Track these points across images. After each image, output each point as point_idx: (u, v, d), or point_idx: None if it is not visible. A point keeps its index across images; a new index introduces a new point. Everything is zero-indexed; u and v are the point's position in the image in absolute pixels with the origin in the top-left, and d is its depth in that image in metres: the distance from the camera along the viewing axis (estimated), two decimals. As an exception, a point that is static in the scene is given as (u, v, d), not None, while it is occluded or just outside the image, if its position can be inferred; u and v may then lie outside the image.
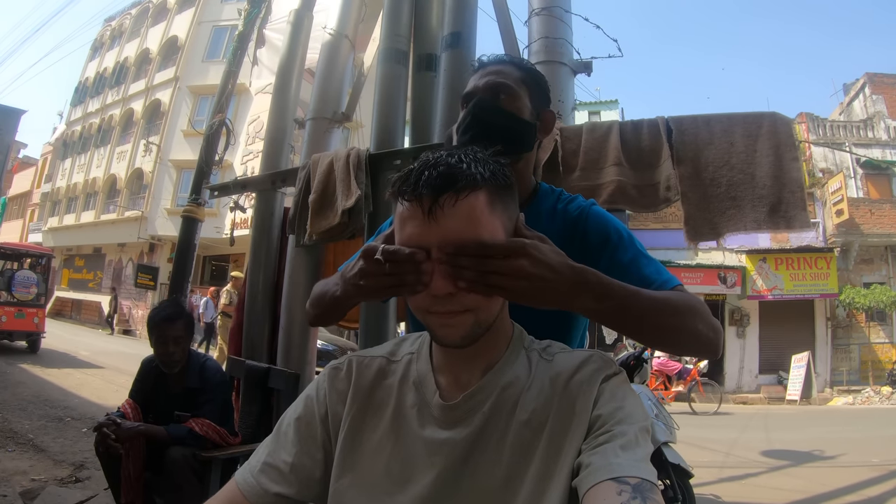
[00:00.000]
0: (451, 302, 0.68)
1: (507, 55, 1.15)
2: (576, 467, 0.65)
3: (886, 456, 5.78)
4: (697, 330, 0.83)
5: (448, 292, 0.67)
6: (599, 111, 17.53)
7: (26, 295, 10.14)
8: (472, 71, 1.12)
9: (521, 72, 1.08)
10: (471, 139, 0.99)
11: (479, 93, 1.05)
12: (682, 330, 0.82)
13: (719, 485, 4.66)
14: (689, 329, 0.82)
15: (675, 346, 0.87)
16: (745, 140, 1.90)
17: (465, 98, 1.08)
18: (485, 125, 1.01)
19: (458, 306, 0.68)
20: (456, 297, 0.67)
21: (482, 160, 0.71)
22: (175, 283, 4.42)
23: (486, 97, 1.04)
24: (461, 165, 0.68)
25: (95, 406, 5.98)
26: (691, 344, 0.85)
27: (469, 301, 0.68)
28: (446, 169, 0.67)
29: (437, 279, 0.67)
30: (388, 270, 0.69)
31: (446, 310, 0.68)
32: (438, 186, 0.66)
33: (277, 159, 3.47)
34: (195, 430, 2.34)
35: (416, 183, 0.67)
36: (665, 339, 0.84)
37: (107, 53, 24.16)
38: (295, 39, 3.67)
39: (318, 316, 1.03)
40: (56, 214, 23.82)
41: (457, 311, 0.68)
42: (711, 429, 7.85)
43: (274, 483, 0.76)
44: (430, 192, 0.66)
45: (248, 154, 15.49)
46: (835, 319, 14.19)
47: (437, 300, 0.68)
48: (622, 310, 0.75)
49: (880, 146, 14.99)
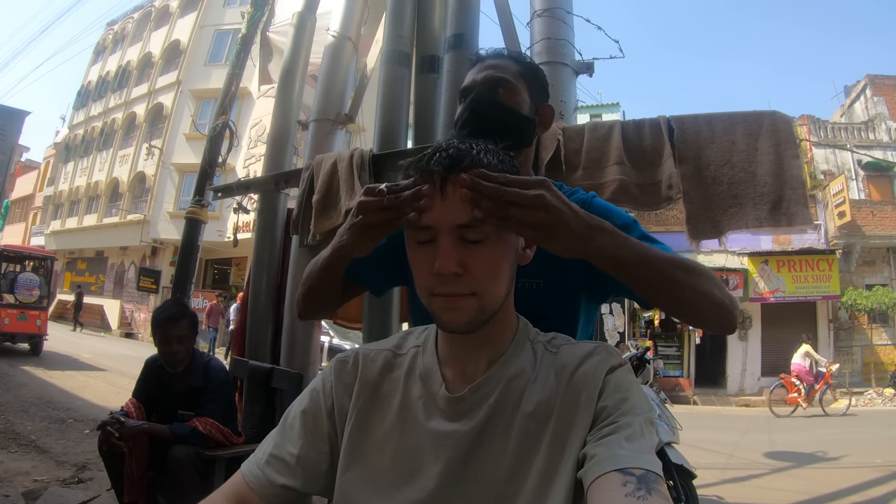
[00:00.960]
0: (456, 283, 0.68)
1: (505, 49, 1.13)
2: (581, 459, 0.65)
3: (889, 457, 5.77)
4: (713, 293, 0.82)
5: (454, 272, 0.67)
6: (601, 114, 17.55)
7: (29, 297, 10.18)
8: (469, 65, 1.10)
9: (520, 66, 1.07)
10: (469, 133, 0.98)
11: (478, 87, 1.03)
12: (700, 290, 0.81)
13: (722, 486, 4.66)
14: (705, 290, 0.81)
15: (693, 308, 0.83)
16: (746, 139, 1.91)
17: (462, 92, 1.06)
18: (483, 119, 1.00)
19: (463, 288, 0.68)
20: (461, 278, 0.68)
21: (492, 150, 0.73)
22: (178, 285, 4.43)
23: (485, 91, 1.02)
24: (471, 150, 0.71)
25: (98, 408, 6.00)
26: (709, 308, 0.83)
27: (474, 283, 0.69)
28: (455, 151, 0.70)
29: (443, 258, 0.67)
30: (388, 203, 0.72)
31: (451, 291, 0.69)
32: (449, 166, 0.69)
33: (280, 161, 3.48)
34: (198, 429, 2.34)
35: (428, 163, 0.70)
36: (684, 299, 0.81)
37: (109, 57, 24.28)
38: (298, 42, 3.69)
39: (308, 295, 1.01)
40: (58, 218, 23.88)
41: (462, 293, 0.69)
42: (714, 430, 7.83)
43: (280, 475, 0.76)
44: (442, 170, 0.69)
45: (251, 158, 15.54)
46: (837, 321, 14.15)
47: (441, 280, 0.68)
48: (641, 260, 0.75)
49: (881, 148, 14.97)
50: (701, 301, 0.82)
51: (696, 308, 0.83)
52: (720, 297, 0.83)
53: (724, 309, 0.84)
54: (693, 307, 0.83)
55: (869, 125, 15.30)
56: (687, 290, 0.80)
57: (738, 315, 0.87)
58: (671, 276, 0.79)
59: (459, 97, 1.07)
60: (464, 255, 0.68)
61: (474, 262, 0.69)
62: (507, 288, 0.74)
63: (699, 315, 0.86)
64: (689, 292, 0.80)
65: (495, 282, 0.71)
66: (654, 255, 0.77)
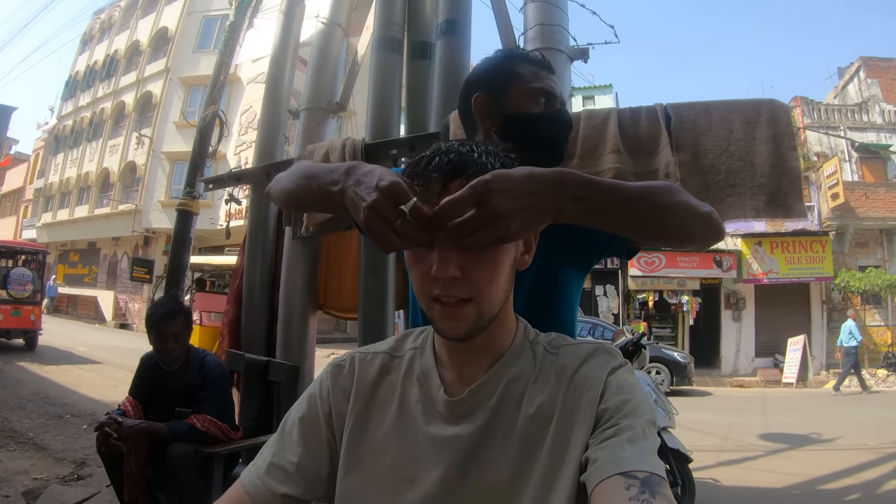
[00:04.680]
0: (455, 286, 0.67)
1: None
2: (583, 462, 0.64)
3: (882, 439, 5.85)
4: (693, 205, 0.79)
5: (451, 276, 0.66)
6: (594, 96, 17.50)
7: (22, 292, 10.11)
8: (536, 65, 1.10)
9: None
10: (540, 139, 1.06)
11: (558, 103, 1.09)
12: (680, 208, 0.77)
13: (718, 468, 4.71)
14: (686, 205, 0.78)
15: (679, 227, 0.79)
16: (744, 127, 1.89)
17: (539, 92, 1.08)
18: (557, 133, 1.08)
19: (462, 292, 0.67)
20: (460, 282, 0.66)
21: (493, 153, 0.71)
22: (171, 278, 4.38)
23: (564, 109, 1.11)
24: (472, 154, 0.69)
25: (95, 402, 6.00)
26: (695, 221, 0.80)
27: (472, 288, 0.67)
28: (457, 156, 0.68)
29: (442, 262, 0.66)
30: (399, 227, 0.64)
31: (451, 294, 0.67)
32: (449, 172, 0.67)
33: (272, 150, 3.44)
34: (196, 426, 2.34)
35: (427, 168, 0.68)
36: (668, 222, 0.77)
37: (97, 46, 23.91)
38: (287, 28, 3.63)
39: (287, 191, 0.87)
40: (49, 210, 23.68)
41: (462, 297, 0.67)
42: (709, 412, 7.91)
43: (280, 484, 0.75)
44: (441, 176, 0.67)
45: (242, 144, 15.42)
46: (830, 303, 14.30)
47: (440, 283, 0.67)
48: (617, 200, 0.72)
49: (875, 130, 15.04)
50: (688, 219, 0.79)
51: (683, 226, 0.79)
52: (700, 208, 0.80)
53: (709, 218, 0.81)
54: (679, 227, 0.79)
55: (862, 107, 15.32)
56: (670, 214, 0.77)
57: (720, 220, 0.84)
58: (652, 205, 0.75)
59: (534, 94, 1.07)
60: (462, 259, 0.66)
61: (473, 267, 0.67)
62: (505, 293, 0.73)
63: (688, 233, 0.82)
64: (673, 215, 0.77)
65: (494, 287, 0.69)
66: (626, 189, 0.73)
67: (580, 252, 1.06)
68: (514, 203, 0.63)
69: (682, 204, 0.78)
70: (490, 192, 0.62)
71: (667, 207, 0.76)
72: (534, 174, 0.66)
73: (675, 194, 0.78)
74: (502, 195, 0.63)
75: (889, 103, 15.28)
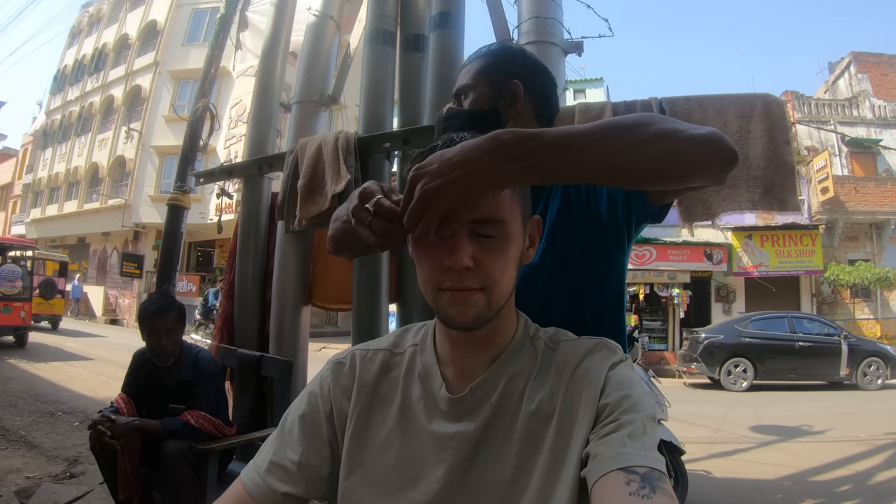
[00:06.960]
0: (467, 277, 0.66)
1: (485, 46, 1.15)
2: (584, 457, 0.64)
3: (872, 431, 5.92)
4: (680, 129, 0.67)
5: (465, 265, 0.65)
6: (585, 89, 17.49)
7: (11, 289, 10.00)
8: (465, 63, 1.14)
9: (483, 60, 1.09)
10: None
11: (466, 98, 1.09)
12: (666, 137, 0.65)
13: (710, 460, 4.75)
14: (672, 132, 0.66)
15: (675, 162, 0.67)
16: (739, 121, 1.89)
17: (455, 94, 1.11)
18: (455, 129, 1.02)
19: (473, 282, 0.67)
20: (472, 272, 0.66)
21: None
22: (163, 274, 4.34)
23: (451, 106, 1.11)
24: None
25: (86, 399, 5.96)
26: (693, 149, 0.67)
27: (483, 278, 0.67)
28: None
29: (458, 251, 0.65)
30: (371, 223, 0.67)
31: (462, 286, 0.66)
32: None
33: (263, 144, 3.41)
34: (190, 423, 2.32)
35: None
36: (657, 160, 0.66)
37: (85, 40, 23.64)
38: (279, 21, 3.59)
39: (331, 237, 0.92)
40: (39, 205, 23.48)
41: (472, 287, 0.67)
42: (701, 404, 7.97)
43: (281, 483, 0.75)
44: None
45: (232, 138, 15.33)
46: (820, 296, 14.44)
47: (451, 274, 0.66)
48: (570, 149, 0.63)
49: (865, 124, 15.18)
50: (686, 148, 0.66)
51: (686, 160, 0.67)
52: (694, 130, 0.68)
53: (711, 139, 0.68)
54: (681, 161, 0.67)
55: (853, 102, 15.44)
56: (661, 144, 0.65)
57: (727, 138, 0.69)
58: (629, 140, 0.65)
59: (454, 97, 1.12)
60: (475, 249, 0.66)
61: (485, 257, 0.67)
62: (512, 285, 0.72)
63: (694, 165, 0.69)
64: (665, 146, 0.65)
65: (504, 278, 0.69)
66: (582, 128, 0.65)
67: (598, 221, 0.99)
68: (440, 179, 0.61)
69: (666, 133, 0.66)
70: (417, 176, 0.63)
71: (647, 140, 0.65)
72: (466, 144, 0.63)
73: (654, 123, 0.66)
74: (427, 175, 0.62)
75: (879, 98, 15.42)
